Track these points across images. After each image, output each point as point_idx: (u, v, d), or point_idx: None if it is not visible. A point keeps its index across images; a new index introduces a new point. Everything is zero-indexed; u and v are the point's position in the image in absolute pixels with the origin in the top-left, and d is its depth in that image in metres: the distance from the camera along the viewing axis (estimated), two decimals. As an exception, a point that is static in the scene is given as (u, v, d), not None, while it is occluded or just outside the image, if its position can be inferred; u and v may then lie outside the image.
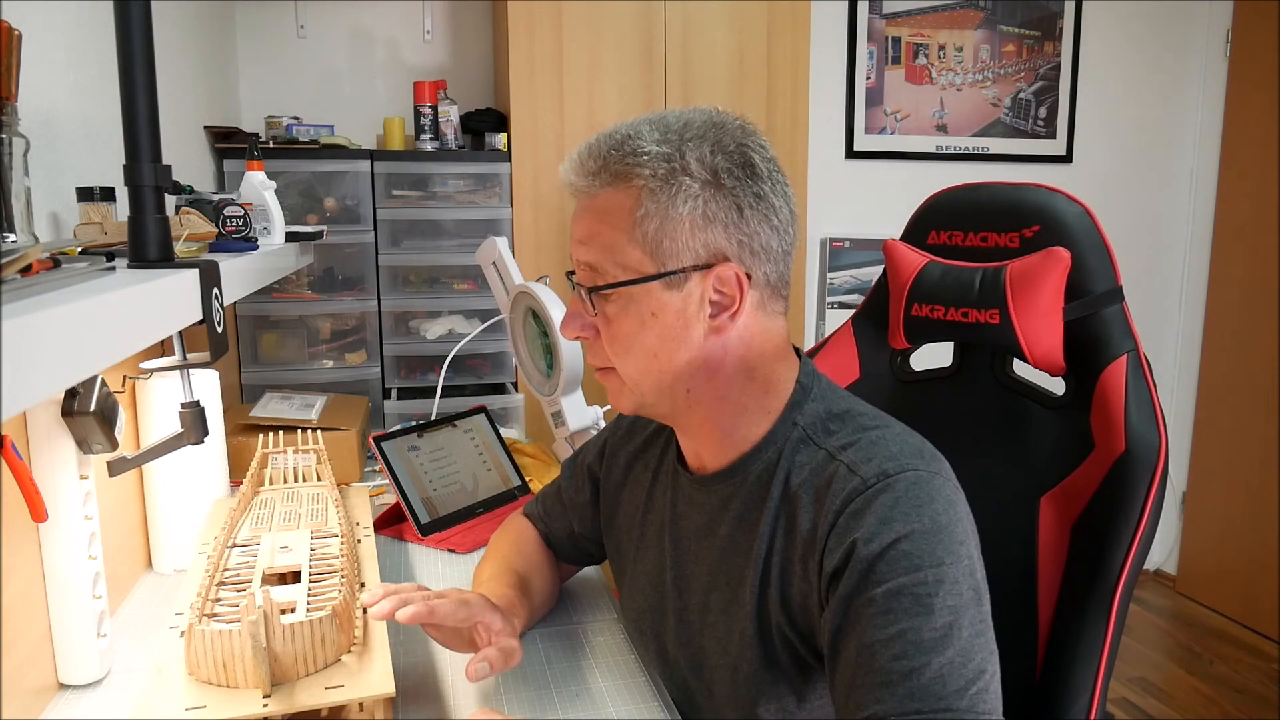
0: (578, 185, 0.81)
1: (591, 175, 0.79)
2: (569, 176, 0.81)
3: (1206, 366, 3.15)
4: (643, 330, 0.79)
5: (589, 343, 0.84)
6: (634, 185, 0.77)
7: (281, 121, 2.23)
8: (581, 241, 0.81)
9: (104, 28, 1.19)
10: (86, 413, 0.89)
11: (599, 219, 0.79)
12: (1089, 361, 0.96)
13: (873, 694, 0.66)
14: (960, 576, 0.69)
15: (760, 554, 0.80)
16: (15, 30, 0.74)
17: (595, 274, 0.80)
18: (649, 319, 0.78)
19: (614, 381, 0.84)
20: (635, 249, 0.77)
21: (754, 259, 0.78)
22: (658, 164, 0.76)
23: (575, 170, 0.81)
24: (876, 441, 0.77)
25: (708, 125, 0.78)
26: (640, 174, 0.76)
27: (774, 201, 0.78)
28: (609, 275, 0.79)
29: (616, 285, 0.78)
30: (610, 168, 0.78)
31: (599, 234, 0.79)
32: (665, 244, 0.76)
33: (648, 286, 0.77)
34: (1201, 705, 2.49)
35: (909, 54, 2.92)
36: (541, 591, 1.06)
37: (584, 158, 0.80)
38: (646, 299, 0.78)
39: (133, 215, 0.70)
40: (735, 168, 0.77)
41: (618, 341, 0.81)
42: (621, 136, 0.78)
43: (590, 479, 1.07)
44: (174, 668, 0.76)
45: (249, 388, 2.14)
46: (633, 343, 0.80)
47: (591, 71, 2.25)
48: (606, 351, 0.82)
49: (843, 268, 2.88)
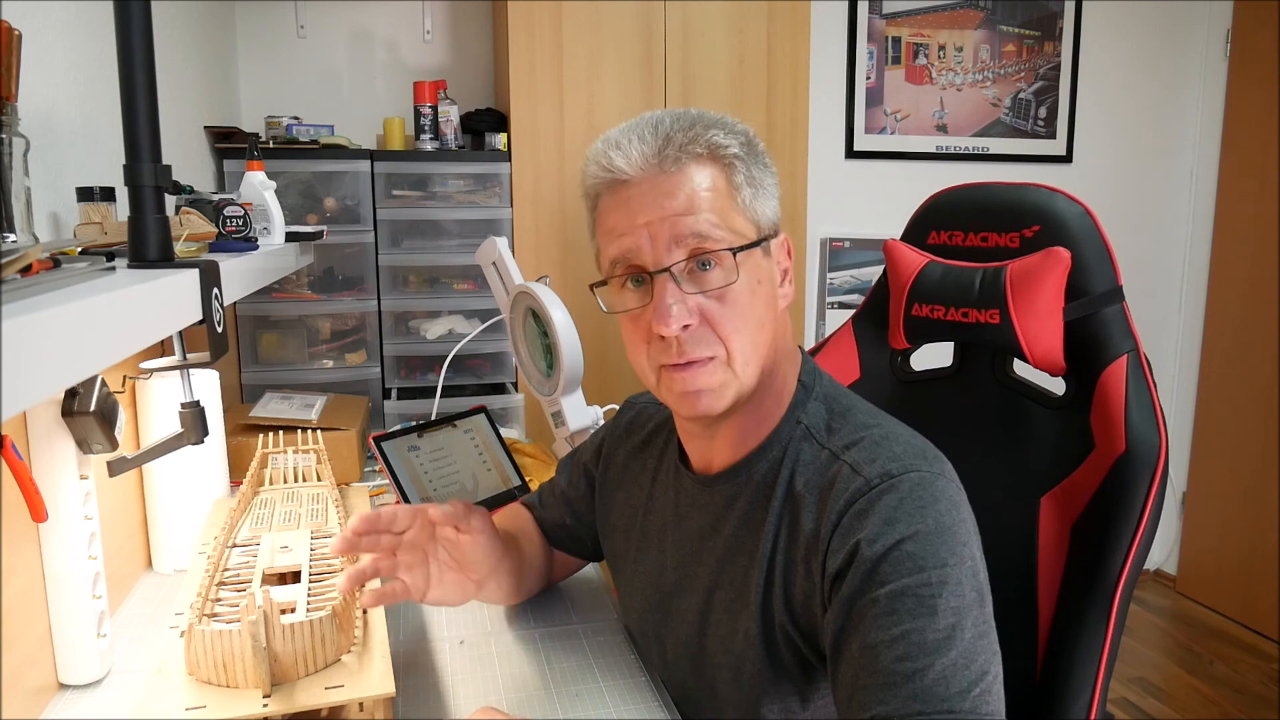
0: (664, 162, 0.77)
1: (684, 147, 0.77)
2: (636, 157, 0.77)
3: (1206, 366, 3.15)
4: (754, 298, 0.78)
5: (688, 334, 0.77)
6: (727, 154, 0.78)
7: (281, 121, 2.23)
8: (684, 213, 0.76)
9: (104, 28, 1.19)
10: (86, 413, 0.89)
11: (700, 189, 0.77)
12: (1089, 361, 0.96)
13: (876, 695, 0.66)
14: (963, 578, 0.69)
15: (765, 553, 0.80)
16: (15, 30, 0.74)
17: (708, 242, 0.76)
18: (756, 286, 0.79)
19: (716, 371, 0.78)
20: (739, 217, 0.79)
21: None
22: (737, 136, 0.80)
23: (659, 147, 0.77)
24: (880, 442, 0.77)
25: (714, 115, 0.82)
26: (731, 144, 0.79)
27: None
28: (725, 241, 0.77)
29: (745, 248, 0.78)
30: (701, 139, 0.78)
31: (708, 201, 0.77)
32: (759, 209, 0.80)
33: (753, 252, 0.79)
34: (1201, 705, 2.49)
35: (909, 54, 2.92)
36: (529, 556, 1.07)
37: (667, 134, 0.77)
38: (754, 266, 0.79)
39: (133, 215, 0.70)
40: (763, 150, 0.82)
41: (734, 314, 0.77)
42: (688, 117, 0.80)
43: (585, 476, 1.08)
44: (174, 668, 0.76)
45: (249, 388, 2.14)
46: (748, 313, 0.78)
47: (591, 71, 2.25)
48: (717, 331, 0.77)
49: (843, 268, 2.88)
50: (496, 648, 1.02)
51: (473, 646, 1.02)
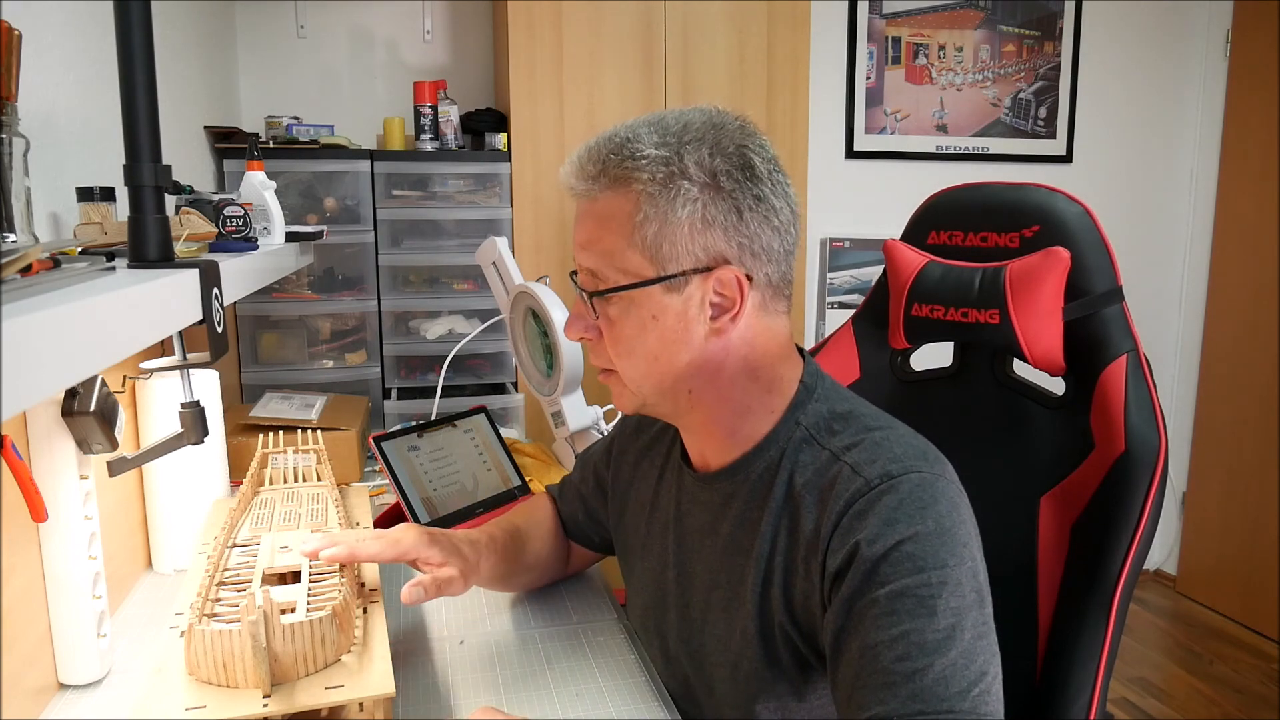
0: (578, 189, 0.81)
1: (591, 179, 0.79)
2: (569, 180, 0.81)
3: (1206, 366, 3.15)
4: (644, 333, 0.79)
5: (592, 344, 0.85)
6: (633, 190, 0.76)
7: (281, 121, 2.23)
8: (583, 247, 0.81)
9: (104, 28, 1.19)
10: (86, 413, 0.89)
11: (599, 224, 0.79)
12: (1089, 361, 0.96)
13: (875, 695, 0.67)
14: (963, 578, 0.69)
15: (763, 553, 0.80)
16: (15, 30, 0.74)
17: (596, 278, 0.80)
18: (649, 322, 0.79)
19: (616, 382, 0.85)
20: (635, 253, 0.77)
21: (755, 260, 0.78)
22: (656, 168, 0.75)
23: (575, 174, 0.80)
24: (880, 443, 0.77)
25: (707, 127, 0.77)
26: (639, 178, 0.76)
27: (774, 203, 0.78)
28: (610, 279, 0.79)
29: (617, 290, 0.79)
30: (609, 172, 0.77)
31: (599, 239, 0.79)
32: (665, 248, 0.76)
33: (648, 290, 0.78)
34: (1201, 705, 2.49)
35: (909, 54, 2.92)
36: (536, 553, 1.10)
37: (583, 162, 0.79)
38: (647, 302, 0.78)
39: (133, 215, 0.70)
40: (734, 170, 0.76)
41: (620, 344, 0.81)
42: (620, 140, 0.78)
43: (595, 474, 1.10)
44: (174, 668, 0.76)
45: (249, 388, 2.14)
46: (634, 345, 0.80)
47: (591, 71, 2.25)
48: (609, 353, 0.83)
49: (843, 268, 2.88)
50: (496, 648, 1.02)
51: (473, 646, 1.02)
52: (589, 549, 1.16)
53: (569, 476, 1.17)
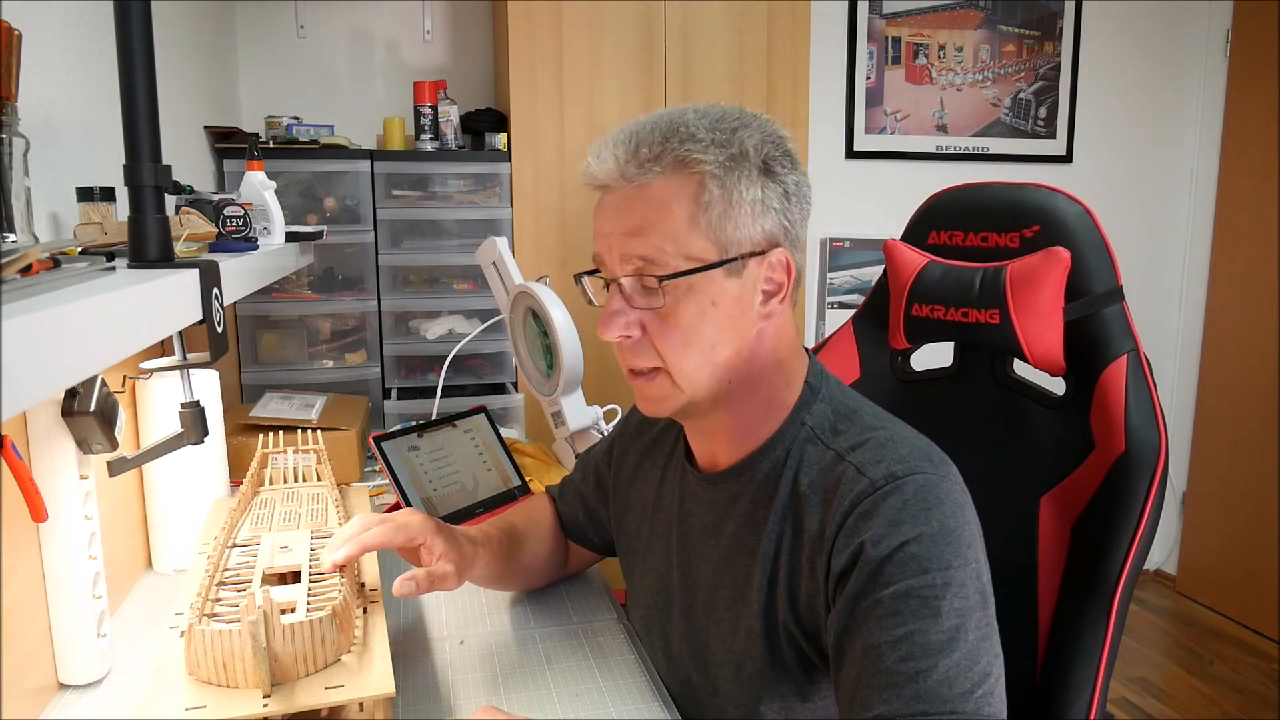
0: (627, 174, 0.77)
1: (647, 162, 0.76)
2: (608, 166, 0.78)
3: (1206, 366, 3.15)
4: (702, 321, 0.77)
5: (630, 344, 0.79)
6: (696, 171, 0.75)
7: (281, 121, 2.23)
8: (632, 234, 0.76)
9: (104, 28, 1.19)
10: (86, 413, 0.89)
11: (655, 208, 0.76)
12: (1089, 361, 0.96)
13: (879, 695, 0.67)
14: (967, 580, 0.69)
15: (768, 553, 0.80)
16: (15, 30, 0.74)
17: (653, 265, 0.76)
18: (709, 309, 0.77)
19: (660, 383, 0.80)
20: (698, 236, 0.75)
21: (793, 246, 0.80)
22: (719, 150, 0.75)
23: (625, 159, 0.77)
24: (885, 443, 0.77)
25: (748, 116, 0.79)
26: (705, 159, 0.75)
27: (805, 191, 0.80)
28: (670, 265, 0.76)
29: (680, 275, 0.76)
30: (671, 153, 0.75)
31: (657, 223, 0.75)
32: (729, 230, 0.76)
33: (710, 275, 0.76)
34: (1201, 705, 2.49)
35: (909, 54, 2.92)
36: (534, 553, 1.10)
37: (636, 145, 0.76)
38: (709, 288, 0.76)
39: (133, 215, 0.70)
40: (782, 156, 0.78)
41: (674, 335, 0.77)
42: (669, 125, 0.77)
43: (595, 475, 1.10)
44: (174, 668, 0.76)
45: (249, 388, 2.14)
46: (692, 335, 0.77)
47: (591, 71, 2.25)
48: (656, 348, 0.79)
49: (843, 268, 2.88)
50: (497, 648, 1.02)
51: (473, 646, 1.02)
52: (588, 549, 1.15)
53: (569, 477, 1.17)
